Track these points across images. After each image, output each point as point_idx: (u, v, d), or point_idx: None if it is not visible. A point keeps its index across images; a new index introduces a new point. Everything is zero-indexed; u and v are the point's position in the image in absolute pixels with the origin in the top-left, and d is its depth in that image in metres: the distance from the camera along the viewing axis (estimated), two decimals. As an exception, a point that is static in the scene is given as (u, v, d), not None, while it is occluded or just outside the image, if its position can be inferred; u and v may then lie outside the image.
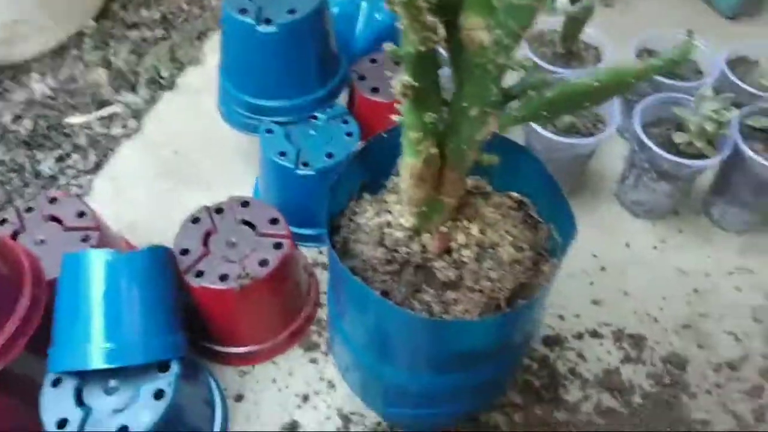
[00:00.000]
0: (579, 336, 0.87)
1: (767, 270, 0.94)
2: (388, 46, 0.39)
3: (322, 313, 0.88)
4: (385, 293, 0.54)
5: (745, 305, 0.90)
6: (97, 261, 0.64)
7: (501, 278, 0.54)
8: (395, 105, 0.45)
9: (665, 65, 0.38)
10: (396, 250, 0.53)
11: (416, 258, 0.53)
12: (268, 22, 0.78)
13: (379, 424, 0.78)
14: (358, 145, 0.59)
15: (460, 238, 0.53)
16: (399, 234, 0.55)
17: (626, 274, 0.94)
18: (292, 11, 0.79)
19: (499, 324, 0.52)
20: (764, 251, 0.96)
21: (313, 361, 0.84)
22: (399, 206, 0.57)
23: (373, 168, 0.62)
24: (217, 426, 0.75)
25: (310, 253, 0.94)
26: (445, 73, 0.45)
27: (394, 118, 0.46)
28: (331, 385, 0.81)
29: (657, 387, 0.82)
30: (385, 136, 0.60)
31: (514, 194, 0.63)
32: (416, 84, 0.40)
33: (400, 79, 0.39)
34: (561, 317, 0.89)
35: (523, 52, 0.99)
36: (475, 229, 0.53)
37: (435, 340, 0.54)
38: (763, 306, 0.90)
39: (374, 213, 0.58)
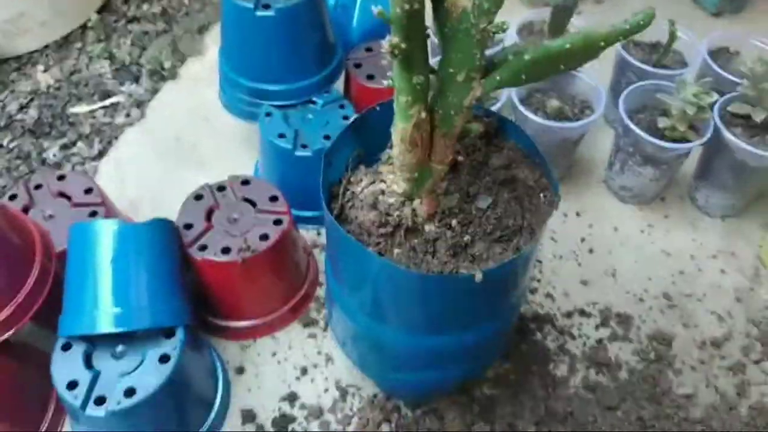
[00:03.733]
0: (568, 315, 0.90)
1: (749, 253, 0.98)
2: (378, 12, 0.42)
3: (321, 292, 0.91)
4: (380, 255, 0.57)
5: (727, 286, 0.94)
6: (105, 230, 0.67)
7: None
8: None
9: (631, 29, 0.42)
10: (389, 214, 0.57)
11: (407, 221, 0.56)
12: (266, 7, 0.82)
13: (375, 395, 0.81)
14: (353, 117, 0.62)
15: (447, 202, 0.57)
16: (391, 200, 0.58)
17: (614, 256, 0.97)
18: (289, -2, 0.83)
19: (490, 275, 0.55)
20: (746, 235, 1.00)
21: (312, 336, 0.86)
22: (392, 175, 0.60)
23: (367, 140, 0.65)
24: (219, 396, 0.78)
25: (309, 235, 0.97)
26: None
27: (386, 83, 0.49)
28: (329, 359, 0.84)
29: (643, 363, 0.86)
30: (378, 109, 0.64)
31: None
32: (404, 45, 0.43)
33: (389, 39, 0.42)
34: (551, 297, 0.92)
35: (513, 40, 1.03)
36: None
37: (427, 296, 0.57)
38: (745, 287, 0.94)
39: (369, 182, 0.61)
